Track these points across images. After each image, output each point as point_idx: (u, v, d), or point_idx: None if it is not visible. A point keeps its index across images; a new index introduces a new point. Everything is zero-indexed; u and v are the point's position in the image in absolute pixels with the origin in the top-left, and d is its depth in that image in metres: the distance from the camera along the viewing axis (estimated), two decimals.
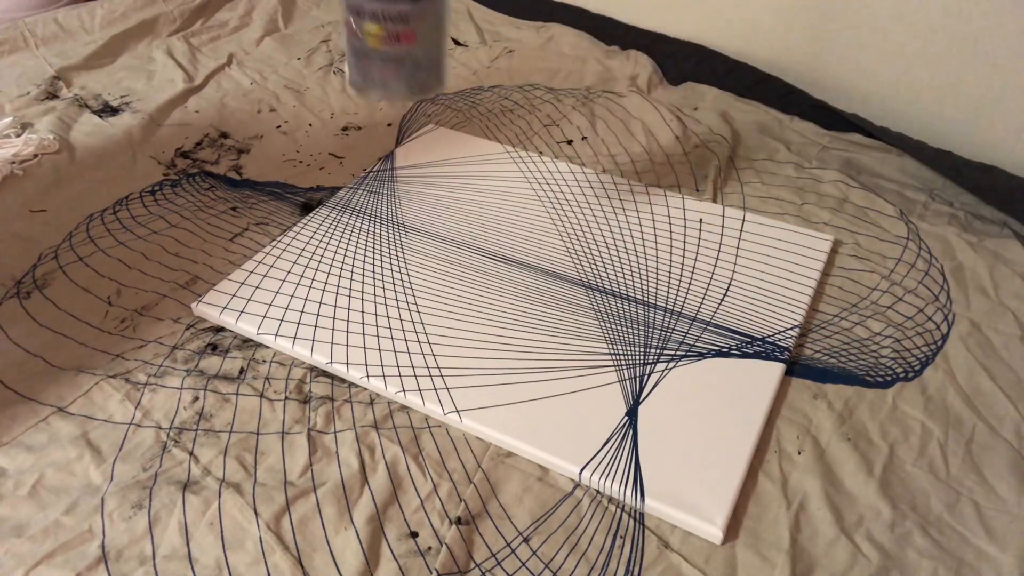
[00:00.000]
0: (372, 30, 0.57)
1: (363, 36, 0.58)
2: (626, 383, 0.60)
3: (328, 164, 0.88)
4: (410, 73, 0.60)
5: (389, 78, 0.60)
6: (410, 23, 0.57)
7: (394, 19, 0.57)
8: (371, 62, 0.59)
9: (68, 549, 0.49)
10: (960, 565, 0.49)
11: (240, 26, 1.18)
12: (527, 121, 0.95)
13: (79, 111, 0.95)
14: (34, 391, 0.60)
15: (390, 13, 0.56)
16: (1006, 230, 0.76)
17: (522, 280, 0.70)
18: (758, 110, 0.96)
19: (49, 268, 0.72)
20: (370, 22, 0.57)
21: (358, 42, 0.58)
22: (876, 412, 0.59)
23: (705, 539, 0.50)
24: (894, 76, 0.92)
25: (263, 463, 0.55)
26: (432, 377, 0.60)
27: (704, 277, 0.70)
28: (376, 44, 0.58)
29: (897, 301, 0.68)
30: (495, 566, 0.49)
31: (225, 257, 0.74)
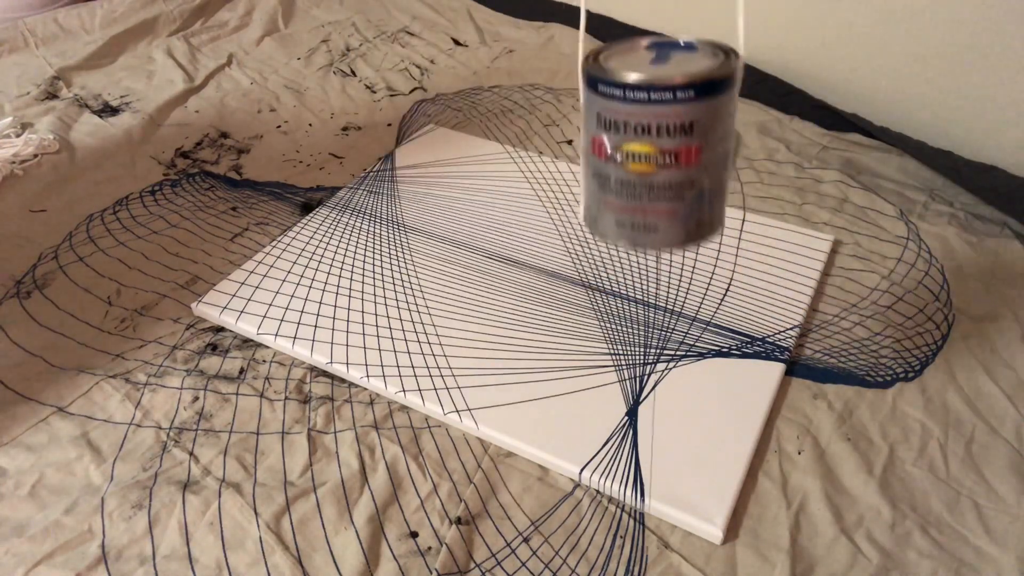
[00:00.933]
0: (638, 149, 0.39)
1: (621, 159, 0.40)
2: (626, 383, 0.60)
3: (328, 164, 0.88)
4: (688, 210, 0.41)
5: (656, 219, 0.41)
6: (695, 135, 0.39)
7: (674, 131, 0.38)
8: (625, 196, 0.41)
9: (68, 549, 0.49)
10: (960, 565, 0.49)
11: (240, 26, 1.18)
12: (527, 121, 0.95)
13: (79, 111, 0.95)
14: (34, 391, 0.60)
15: (670, 122, 0.38)
16: (1006, 230, 0.76)
17: (522, 280, 0.70)
18: (758, 110, 0.95)
19: (49, 268, 0.72)
20: (634, 140, 0.39)
21: (607, 167, 0.41)
22: (876, 412, 0.59)
23: (705, 539, 0.50)
24: (894, 76, 0.92)
25: (263, 463, 0.55)
26: (432, 377, 0.60)
27: (704, 277, 0.70)
28: (642, 168, 0.40)
29: (897, 301, 0.68)
30: (495, 566, 0.49)
31: (225, 257, 0.74)
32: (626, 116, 0.39)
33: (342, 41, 1.15)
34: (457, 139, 0.90)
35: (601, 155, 0.41)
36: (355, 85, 1.03)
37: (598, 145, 0.41)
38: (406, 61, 1.09)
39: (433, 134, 0.91)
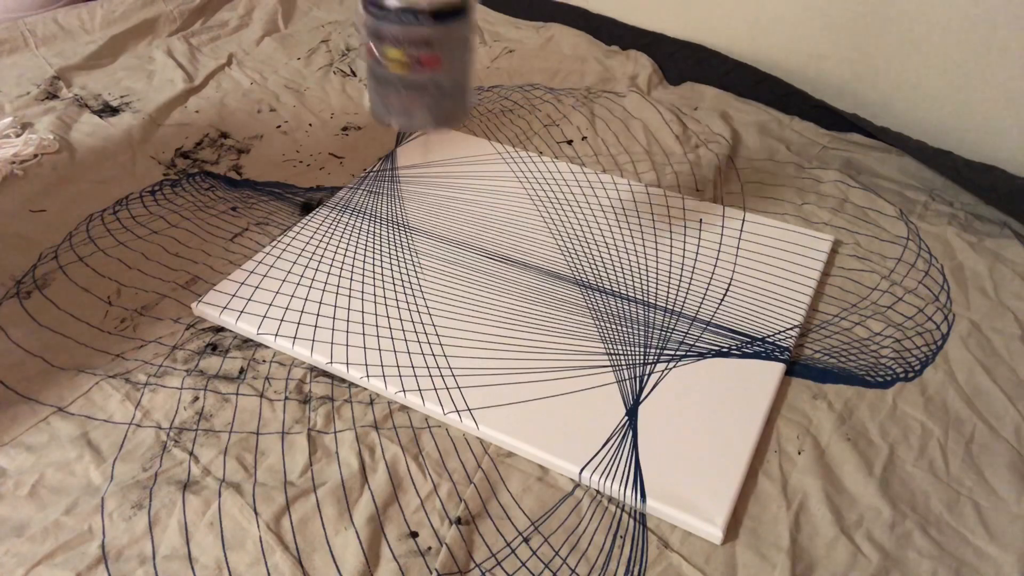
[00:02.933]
0: (393, 55, 0.52)
1: (384, 61, 0.53)
2: (626, 383, 0.60)
3: (328, 164, 0.88)
4: (434, 101, 0.55)
5: (412, 107, 0.55)
6: (434, 47, 0.52)
7: (417, 43, 0.52)
8: (392, 89, 0.54)
9: (68, 549, 0.49)
10: (960, 565, 0.49)
11: (240, 26, 1.18)
12: (527, 121, 0.95)
13: (79, 111, 0.95)
14: (34, 391, 0.60)
15: (412, 36, 0.51)
16: (1006, 230, 0.76)
17: (523, 280, 0.70)
18: (758, 110, 0.95)
19: (49, 268, 0.72)
20: (391, 46, 0.52)
21: (379, 68, 0.54)
22: (876, 412, 0.59)
23: (705, 539, 0.50)
24: (894, 76, 0.92)
25: (263, 463, 0.55)
26: (432, 377, 0.60)
27: (704, 277, 0.70)
28: (398, 70, 0.53)
29: (897, 301, 0.68)
30: (495, 566, 0.49)
31: (225, 257, 0.74)
32: (385, 31, 0.52)
33: (342, 41, 1.15)
34: (457, 139, 0.90)
35: (371, 57, 0.54)
36: (355, 85, 1.03)
37: (369, 50, 0.54)
38: None
39: (433, 134, 0.91)
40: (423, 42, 0.52)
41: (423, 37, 0.52)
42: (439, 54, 0.53)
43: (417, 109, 0.55)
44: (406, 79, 0.54)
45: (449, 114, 0.57)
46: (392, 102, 0.55)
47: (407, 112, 0.56)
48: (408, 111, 0.56)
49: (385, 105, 0.56)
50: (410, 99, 0.55)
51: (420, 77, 0.53)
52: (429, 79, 0.54)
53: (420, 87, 0.54)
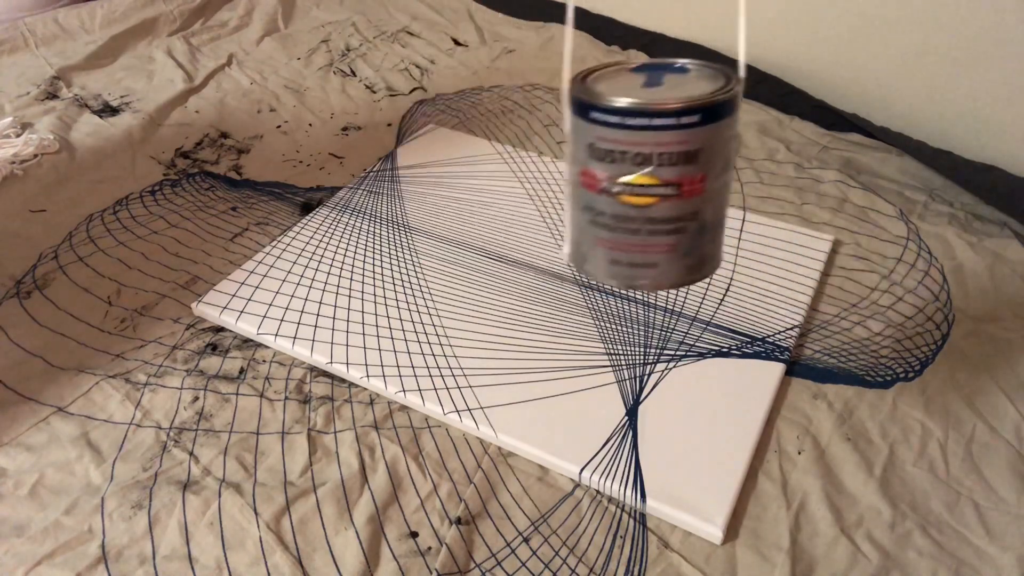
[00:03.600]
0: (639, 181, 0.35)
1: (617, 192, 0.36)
2: (626, 383, 0.60)
3: (328, 164, 0.88)
4: (689, 244, 0.38)
5: (653, 254, 0.38)
6: (699, 162, 0.35)
7: (675, 159, 0.35)
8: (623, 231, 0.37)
9: (68, 549, 0.49)
10: (960, 565, 0.49)
11: (240, 26, 1.18)
12: (527, 121, 0.95)
13: (79, 111, 0.95)
14: (34, 391, 0.60)
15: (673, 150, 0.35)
16: (1006, 230, 0.76)
17: (522, 280, 0.70)
18: (758, 110, 0.95)
19: (49, 268, 0.72)
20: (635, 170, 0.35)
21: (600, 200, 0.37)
22: (876, 412, 0.59)
23: (705, 539, 0.50)
24: (894, 76, 0.92)
25: (263, 463, 0.55)
26: (432, 377, 0.60)
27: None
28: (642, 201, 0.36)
29: (897, 301, 0.68)
30: (495, 566, 0.49)
31: (225, 257, 0.74)
32: (624, 145, 0.35)
33: (342, 41, 1.15)
34: (457, 139, 0.90)
35: (593, 188, 0.37)
36: (355, 85, 1.03)
37: (590, 177, 0.37)
38: (406, 61, 1.09)
39: (433, 134, 0.91)
40: (684, 157, 0.35)
41: (686, 149, 0.35)
42: (704, 172, 0.36)
43: (663, 257, 0.38)
44: (652, 213, 0.37)
45: (707, 259, 0.40)
46: (620, 249, 0.38)
47: (645, 263, 0.38)
48: (647, 261, 0.38)
49: (604, 253, 0.39)
50: (654, 244, 0.37)
51: (675, 208, 0.37)
52: (687, 210, 0.37)
53: (672, 224, 0.37)
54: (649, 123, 0.34)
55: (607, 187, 0.36)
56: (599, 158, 0.36)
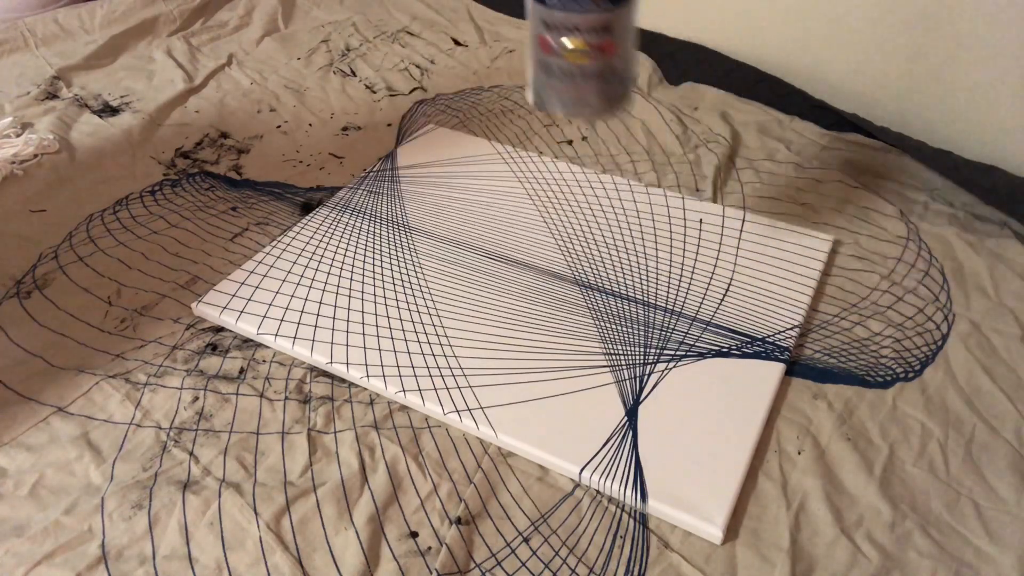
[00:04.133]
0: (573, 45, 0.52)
1: (562, 53, 0.53)
2: (626, 383, 0.60)
3: (328, 164, 0.88)
4: (607, 87, 0.56)
5: (587, 95, 0.56)
6: (612, 32, 0.53)
7: (596, 30, 0.52)
8: (567, 80, 0.55)
9: (68, 549, 0.49)
10: (960, 565, 0.49)
11: (240, 26, 1.18)
12: (527, 121, 0.95)
13: (79, 111, 0.96)
14: (34, 391, 0.60)
15: (593, 24, 0.52)
16: (1006, 230, 0.76)
17: (522, 280, 0.70)
18: (758, 110, 0.95)
19: (49, 268, 0.72)
20: (569, 37, 0.52)
21: (553, 60, 0.54)
22: (876, 412, 0.59)
23: (705, 539, 0.50)
24: (894, 76, 0.92)
25: (263, 463, 0.55)
26: (432, 377, 0.60)
27: (704, 277, 0.70)
28: (577, 60, 0.53)
29: (897, 301, 0.68)
30: (495, 566, 0.49)
31: (225, 257, 0.74)
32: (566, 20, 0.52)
33: (342, 41, 1.15)
34: (457, 139, 0.90)
35: (546, 50, 0.54)
36: (355, 85, 1.03)
37: (543, 42, 0.54)
38: (406, 61, 1.09)
39: (433, 134, 0.91)
40: (602, 28, 0.52)
41: (603, 23, 0.52)
42: (615, 40, 0.53)
43: (591, 97, 0.56)
44: (584, 68, 0.54)
45: (619, 98, 0.58)
46: (564, 92, 0.56)
47: (580, 101, 0.56)
48: (581, 100, 0.56)
49: (556, 96, 0.56)
50: (585, 88, 0.55)
51: (597, 64, 0.54)
52: (605, 65, 0.54)
53: (595, 74, 0.54)
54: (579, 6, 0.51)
55: (556, 50, 0.53)
56: (548, 29, 0.53)
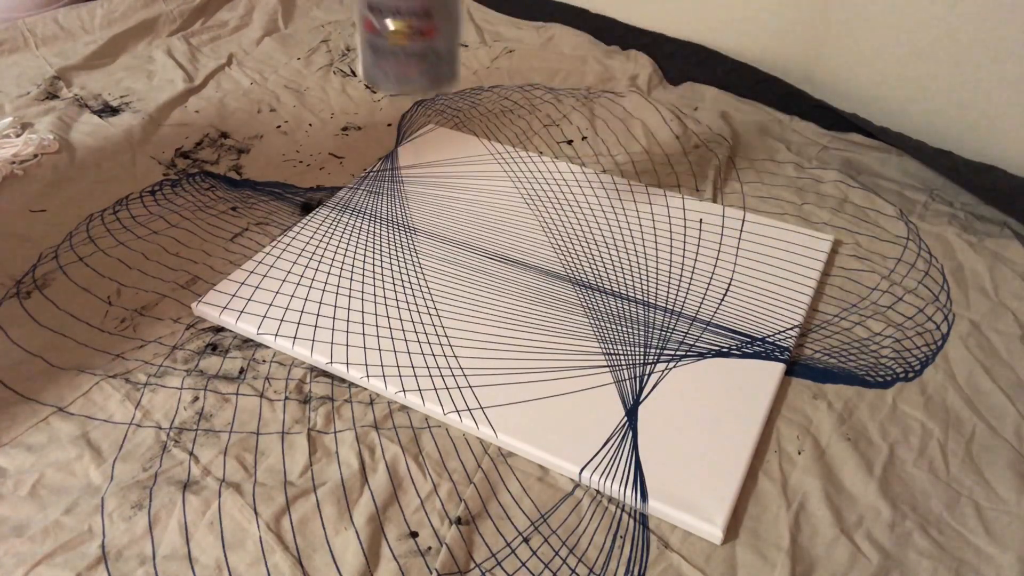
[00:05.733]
0: (395, 26, 0.56)
1: (384, 33, 0.56)
2: (626, 383, 0.60)
3: (328, 164, 0.88)
4: (431, 67, 0.59)
5: (410, 73, 0.59)
6: (433, 17, 0.56)
7: (417, 14, 0.56)
8: (390, 58, 0.58)
9: (68, 549, 0.49)
10: (960, 565, 0.49)
11: (240, 26, 1.18)
12: (527, 121, 0.95)
13: (79, 111, 0.95)
14: (34, 391, 0.60)
15: (413, 8, 0.55)
16: (1006, 230, 0.76)
17: (522, 280, 0.70)
18: (758, 110, 0.95)
19: (49, 268, 0.72)
20: (392, 18, 0.56)
21: (378, 40, 0.57)
22: (876, 412, 0.59)
23: (705, 539, 0.50)
24: (894, 76, 0.92)
25: (263, 463, 0.55)
26: (432, 377, 0.60)
27: (704, 277, 0.70)
28: (398, 40, 0.57)
29: (897, 301, 0.68)
30: (495, 566, 0.49)
31: (225, 257, 0.74)
32: (389, 3, 0.55)
33: (342, 41, 1.15)
34: (457, 139, 0.90)
35: (371, 30, 0.57)
36: (355, 85, 1.03)
37: (368, 23, 0.57)
38: None
39: (433, 134, 0.91)
40: (422, 12, 0.56)
41: (422, 8, 0.56)
42: (436, 23, 0.57)
43: (415, 75, 0.59)
44: (406, 48, 0.57)
45: (443, 77, 0.61)
46: (390, 70, 0.59)
47: (405, 79, 0.59)
48: (406, 78, 0.59)
49: (383, 73, 0.59)
50: (408, 66, 0.59)
51: (418, 45, 0.57)
52: (427, 46, 0.58)
53: (418, 54, 0.58)
54: None
55: (379, 31, 0.56)
56: (372, 11, 0.56)
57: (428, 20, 0.56)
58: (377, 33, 0.57)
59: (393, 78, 0.60)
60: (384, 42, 0.57)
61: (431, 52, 0.58)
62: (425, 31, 0.57)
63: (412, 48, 0.57)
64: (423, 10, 0.56)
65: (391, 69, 0.59)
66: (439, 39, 0.58)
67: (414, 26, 0.56)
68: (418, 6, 0.56)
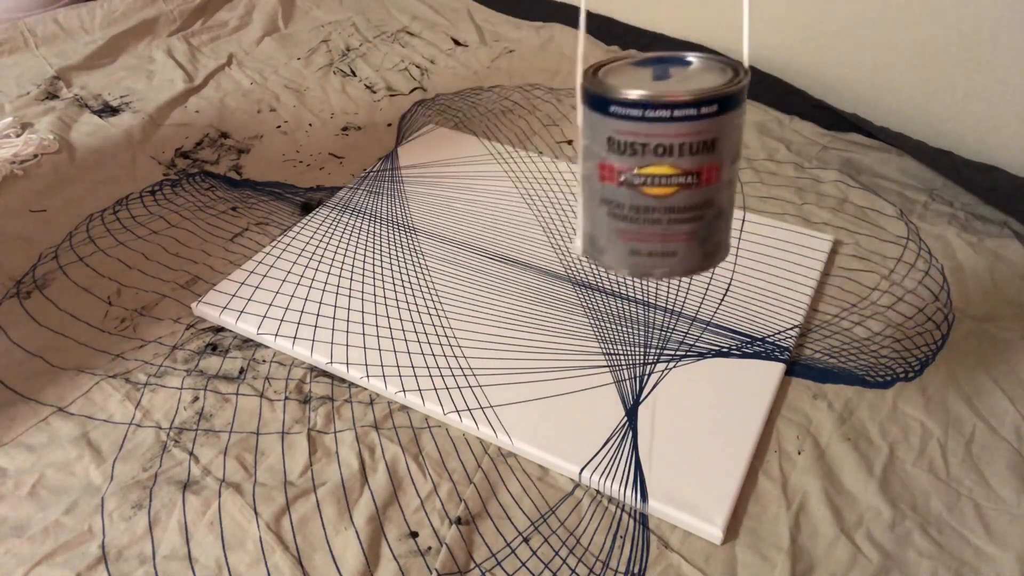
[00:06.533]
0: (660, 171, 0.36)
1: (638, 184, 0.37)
2: (626, 383, 0.60)
3: (328, 164, 0.88)
4: (704, 230, 0.39)
5: (677, 243, 0.39)
6: (716, 151, 0.36)
7: (698, 148, 0.36)
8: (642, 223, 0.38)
9: (68, 549, 0.49)
10: (960, 565, 0.49)
11: (240, 26, 1.18)
12: (527, 121, 0.95)
13: (79, 111, 0.95)
14: (34, 391, 0.60)
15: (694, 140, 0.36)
16: (1006, 230, 0.76)
17: (522, 280, 0.70)
18: (758, 110, 0.95)
19: (49, 268, 0.72)
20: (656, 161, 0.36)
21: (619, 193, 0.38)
22: (876, 412, 0.59)
23: (705, 539, 0.50)
24: (894, 76, 0.92)
25: (263, 463, 0.55)
26: (432, 377, 0.60)
27: (704, 277, 0.70)
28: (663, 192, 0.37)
29: (897, 301, 0.68)
30: (495, 566, 0.49)
31: (225, 257, 0.74)
32: (645, 136, 0.36)
33: (342, 41, 1.15)
34: (457, 139, 0.90)
35: (613, 181, 0.38)
36: (355, 85, 1.03)
37: (609, 171, 0.37)
38: (406, 61, 1.09)
39: (433, 134, 0.91)
40: (703, 146, 0.36)
41: (705, 139, 0.36)
42: (720, 161, 0.37)
43: (683, 244, 0.39)
44: (673, 203, 0.37)
45: (722, 245, 0.41)
46: (639, 240, 0.39)
47: (665, 251, 0.39)
48: (667, 250, 0.39)
49: (625, 244, 0.39)
50: (674, 232, 0.38)
51: (695, 197, 0.38)
52: (705, 198, 0.38)
53: (690, 212, 0.38)
54: (670, 114, 0.35)
55: (628, 179, 0.37)
56: (619, 151, 0.37)
57: (710, 155, 0.36)
58: (623, 184, 0.37)
59: (645, 252, 0.39)
60: (634, 197, 0.37)
61: (710, 207, 0.38)
62: (705, 173, 0.37)
63: (681, 203, 0.37)
64: (707, 142, 0.36)
65: (642, 239, 0.39)
66: (722, 187, 0.38)
67: (688, 168, 0.36)
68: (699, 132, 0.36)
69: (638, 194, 0.37)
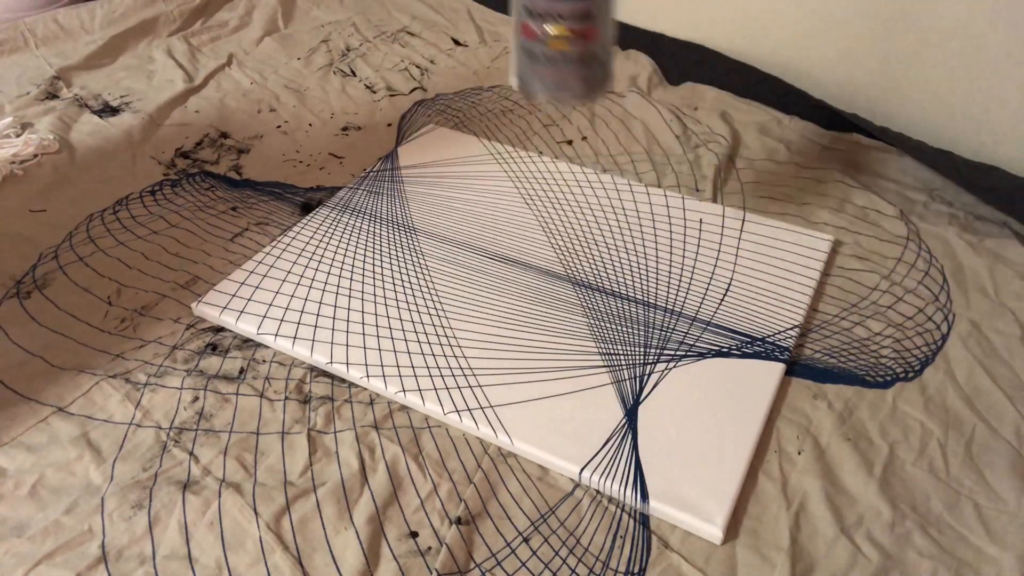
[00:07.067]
0: (556, 31, 0.54)
1: (545, 39, 0.55)
2: (626, 383, 0.60)
3: (328, 164, 0.88)
4: (589, 72, 0.57)
5: (568, 80, 0.57)
6: (594, 19, 0.55)
7: (580, 17, 0.54)
8: (549, 65, 0.57)
9: (68, 549, 0.49)
10: (960, 565, 0.49)
11: (240, 26, 1.18)
12: (527, 121, 0.95)
13: (79, 111, 0.96)
14: (34, 391, 0.60)
15: (575, 11, 0.54)
16: (1006, 230, 0.76)
17: (522, 280, 0.70)
18: (758, 110, 0.95)
19: (49, 268, 0.72)
20: (553, 23, 0.54)
21: (537, 46, 0.56)
22: (876, 412, 0.59)
23: (705, 539, 0.50)
24: (894, 76, 0.92)
25: (263, 463, 0.55)
26: (432, 377, 0.60)
27: (704, 277, 0.70)
28: (560, 46, 0.55)
29: (897, 301, 0.68)
30: (495, 566, 0.49)
31: (225, 257, 0.74)
32: (548, 8, 0.54)
33: (342, 41, 1.15)
34: (457, 139, 0.90)
35: (529, 36, 0.56)
36: (355, 85, 1.03)
37: (526, 29, 0.56)
38: (406, 61, 1.09)
39: (433, 134, 0.91)
40: (585, 15, 0.54)
41: (584, 10, 0.54)
42: (596, 26, 0.55)
43: (573, 81, 0.58)
44: (566, 54, 0.56)
45: (601, 82, 0.59)
46: (547, 77, 0.58)
47: (562, 86, 0.58)
48: (564, 84, 0.58)
49: (539, 80, 0.58)
50: (567, 72, 0.57)
51: (579, 50, 0.56)
52: (586, 51, 0.56)
53: (577, 60, 0.56)
54: None
55: (539, 36, 0.55)
56: (532, 16, 0.55)
57: (589, 23, 0.55)
58: (535, 39, 0.55)
59: (552, 86, 0.58)
60: (542, 48, 0.56)
61: (590, 56, 0.57)
62: (586, 34, 0.55)
63: (572, 53, 0.56)
64: (585, 13, 0.54)
65: (549, 77, 0.57)
66: (598, 42, 0.56)
67: (575, 30, 0.54)
68: (581, 9, 0.54)
69: (545, 47, 0.56)
